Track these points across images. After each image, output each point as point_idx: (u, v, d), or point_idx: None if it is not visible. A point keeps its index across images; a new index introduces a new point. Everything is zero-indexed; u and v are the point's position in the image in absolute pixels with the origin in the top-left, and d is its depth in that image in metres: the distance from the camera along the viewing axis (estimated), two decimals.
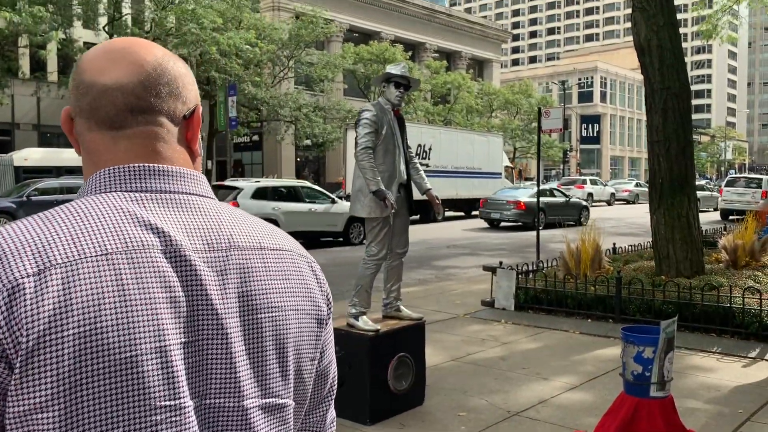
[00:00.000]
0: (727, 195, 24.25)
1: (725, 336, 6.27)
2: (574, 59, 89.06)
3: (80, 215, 0.78)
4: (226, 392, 0.81)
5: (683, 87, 7.52)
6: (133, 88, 0.86)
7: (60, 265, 0.73)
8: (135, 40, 0.91)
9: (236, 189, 14.68)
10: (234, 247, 0.85)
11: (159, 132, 0.88)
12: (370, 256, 4.64)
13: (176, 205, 0.84)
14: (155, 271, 0.78)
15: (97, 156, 0.87)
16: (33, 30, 23.20)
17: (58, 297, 0.72)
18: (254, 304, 0.85)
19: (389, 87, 4.79)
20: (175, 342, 0.77)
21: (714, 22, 21.01)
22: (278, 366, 0.86)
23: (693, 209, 7.48)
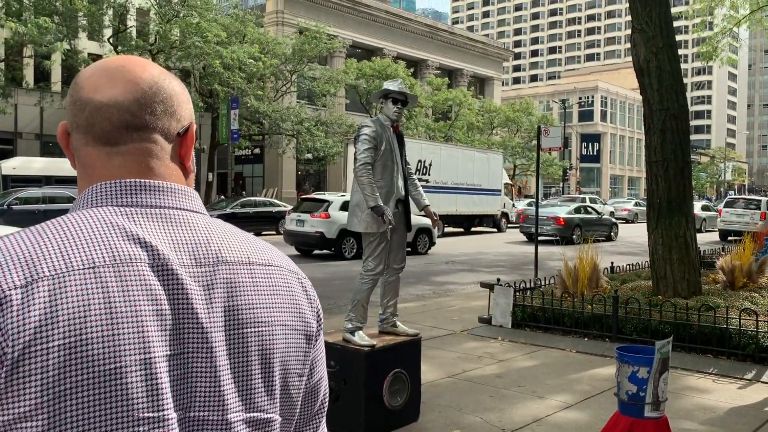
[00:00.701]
0: (726, 216, 24.29)
1: (722, 357, 6.26)
2: (574, 78, 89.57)
3: (70, 229, 0.80)
4: (209, 405, 0.82)
5: (682, 108, 7.57)
6: (129, 105, 0.88)
7: (47, 278, 0.75)
8: (132, 58, 0.93)
9: (326, 201, 16.39)
10: (222, 262, 0.87)
11: (153, 149, 0.90)
12: (367, 271, 4.66)
13: (166, 220, 0.86)
14: (142, 284, 0.79)
15: (92, 170, 0.89)
16: (38, 41, 23.38)
17: (45, 308, 0.73)
18: (240, 319, 0.85)
19: (387, 103, 4.84)
20: (160, 354, 0.78)
21: (714, 44, 21.18)
22: (262, 381, 0.87)
23: (691, 230, 7.51)
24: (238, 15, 29.86)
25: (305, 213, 16.21)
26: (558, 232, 21.47)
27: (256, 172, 40.16)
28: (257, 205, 24.31)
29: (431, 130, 37.87)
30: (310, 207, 16.34)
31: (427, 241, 17.97)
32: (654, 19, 7.50)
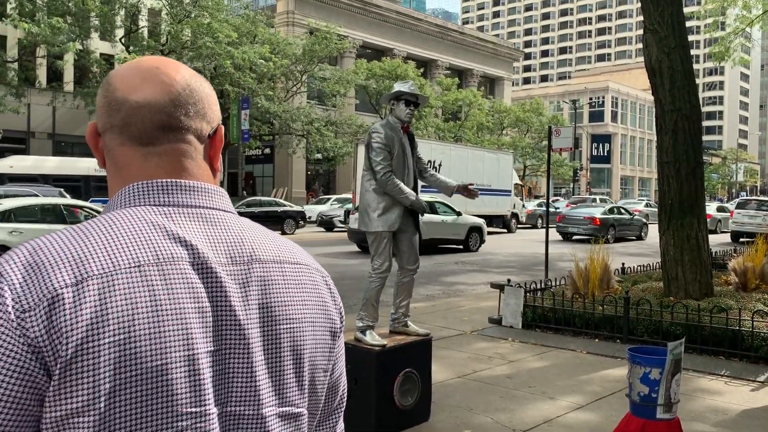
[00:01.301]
0: (738, 217, 24.12)
1: (734, 359, 6.23)
2: (585, 79, 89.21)
3: (113, 228, 0.82)
4: (246, 400, 0.84)
5: (694, 109, 7.53)
6: (164, 106, 0.90)
7: (96, 276, 0.76)
8: (164, 59, 0.95)
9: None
10: (255, 260, 0.89)
11: (187, 149, 0.92)
12: (375, 270, 4.67)
13: (202, 220, 0.88)
14: (184, 282, 0.81)
15: (127, 171, 0.90)
16: (51, 41, 23.57)
17: (95, 307, 0.75)
18: (274, 316, 0.88)
19: (399, 105, 4.82)
20: (203, 351, 0.80)
21: (726, 44, 21.04)
22: (295, 376, 0.89)
23: (702, 231, 7.47)
24: (249, 15, 29.98)
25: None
26: (594, 231, 22.20)
27: (266, 171, 40.29)
28: (262, 205, 24.40)
29: (441, 131, 37.85)
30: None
31: (478, 238, 19.01)
32: (666, 19, 7.47)
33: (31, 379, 0.72)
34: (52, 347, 0.73)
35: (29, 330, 0.72)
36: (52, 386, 0.73)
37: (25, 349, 0.72)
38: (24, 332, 0.72)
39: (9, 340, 0.72)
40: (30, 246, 0.79)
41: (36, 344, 0.72)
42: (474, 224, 18.93)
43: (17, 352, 0.72)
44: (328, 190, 40.43)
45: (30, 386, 0.72)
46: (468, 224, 18.71)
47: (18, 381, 0.72)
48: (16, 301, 0.73)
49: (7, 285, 0.74)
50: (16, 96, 25.94)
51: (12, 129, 28.66)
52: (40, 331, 0.73)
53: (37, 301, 0.74)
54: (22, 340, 0.72)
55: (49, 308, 0.73)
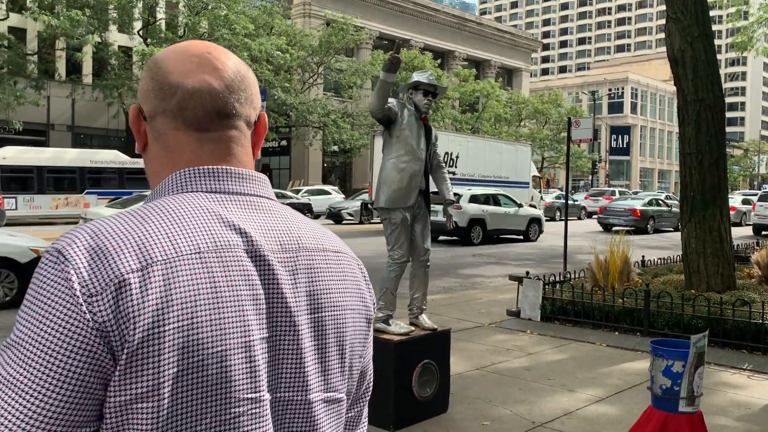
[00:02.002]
0: (761, 210, 23.78)
1: (757, 353, 6.14)
2: (604, 69, 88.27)
3: (171, 214, 0.82)
4: (294, 386, 0.85)
5: (717, 99, 7.41)
6: (221, 92, 0.90)
7: (160, 262, 0.76)
8: (212, 44, 0.95)
9: (458, 194, 18.13)
10: (302, 249, 0.90)
11: (238, 136, 0.93)
12: (395, 259, 4.66)
13: (252, 207, 0.89)
14: (241, 269, 0.82)
15: (179, 155, 0.90)
16: (70, 33, 23.77)
17: (160, 293, 0.75)
18: (320, 303, 0.89)
19: (417, 94, 4.79)
20: (258, 337, 0.81)
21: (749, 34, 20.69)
22: (339, 362, 0.91)
23: (725, 223, 7.36)
24: (266, 7, 30.01)
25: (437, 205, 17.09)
26: (635, 222, 23.26)
27: (282, 164, 40.41)
28: None
29: (458, 122, 37.68)
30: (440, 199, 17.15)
31: (537, 229, 20.08)
32: (690, 8, 7.34)
33: (98, 362, 0.73)
34: (119, 332, 0.73)
35: (97, 314, 0.73)
36: (117, 371, 0.73)
37: (94, 333, 0.72)
38: (93, 316, 0.73)
39: (77, 324, 0.72)
40: (90, 230, 0.78)
41: (104, 329, 0.73)
42: (534, 216, 20.11)
43: (86, 336, 0.72)
44: (344, 183, 40.48)
45: (96, 369, 0.73)
46: (528, 216, 19.87)
47: (85, 363, 0.72)
48: (84, 285, 0.73)
49: (74, 269, 0.74)
50: (35, 88, 26.21)
51: (32, 121, 28.97)
52: (108, 316, 0.73)
53: (104, 286, 0.74)
54: (91, 324, 0.72)
55: (117, 293, 0.74)
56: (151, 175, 0.93)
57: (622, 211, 24.15)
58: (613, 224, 23.91)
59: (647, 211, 24.24)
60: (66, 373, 0.71)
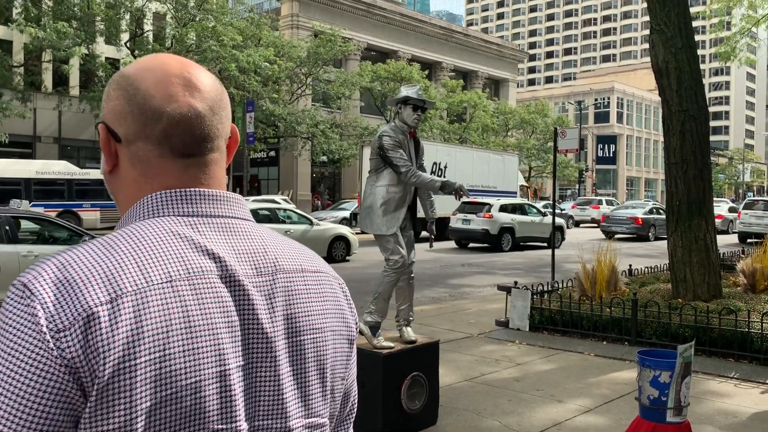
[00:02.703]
0: (746, 218, 24.00)
1: (743, 361, 6.18)
2: (590, 79, 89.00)
3: (142, 241, 0.79)
4: (273, 414, 0.83)
5: (701, 109, 7.50)
6: (205, 115, 0.88)
7: (130, 293, 0.74)
8: (186, 61, 0.91)
9: (488, 204, 19.81)
10: (280, 270, 0.87)
11: (218, 158, 0.91)
12: (392, 266, 4.65)
13: (226, 230, 0.86)
14: (215, 296, 0.79)
15: (160, 181, 0.87)
16: (57, 45, 23.65)
17: (131, 325, 0.72)
18: (298, 327, 0.87)
19: (406, 109, 4.78)
20: (234, 365, 0.79)
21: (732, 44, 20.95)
22: (320, 386, 0.88)
23: (711, 232, 7.42)
24: (254, 18, 30.03)
25: (470, 214, 19.64)
26: (637, 230, 24.39)
27: (271, 174, 40.32)
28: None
29: (446, 132, 37.81)
30: (473, 209, 19.68)
31: (560, 236, 20.72)
32: (673, 20, 7.43)
33: (68, 399, 0.70)
34: (89, 368, 0.70)
35: (65, 350, 0.70)
36: (88, 407, 0.71)
37: (62, 370, 0.70)
38: (60, 353, 0.70)
39: (44, 361, 0.70)
40: (57, 261, 0.76)
41: (73, 365, 0.70)
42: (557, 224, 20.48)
43: (54, 373, 0.70)
44: (333, 193, 40.44)
45: (66, 407, 0.70)
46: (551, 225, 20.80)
47: (54, 401, 0.70)
48: (50, 320, 0.71)
49: (40, 303, 0.72)
50: (22, 100, 26.02)
51: (18, 133, 28.76)
52: (77, 351, 0.70)
53: (72, 320, 0.71)
54: (59, 361, 0.70)
55: (85, 327, 0.71)
56: (123, 200, 0.90)
57: (625, 220, 25.03)
58: (615, 232, 24.81)
59: (649, 219, 24.97)
60: (34, 412, 0.69)
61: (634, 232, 24.56)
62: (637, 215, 24.98)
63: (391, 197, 4.65)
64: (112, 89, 0.89)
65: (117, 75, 0.91)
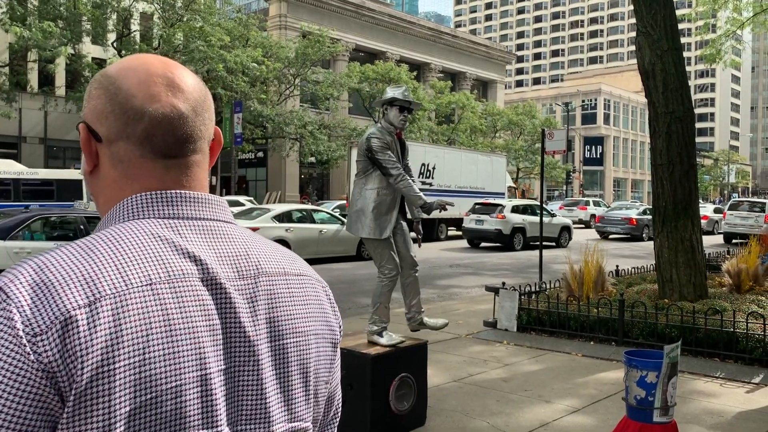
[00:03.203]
0: (731, 218, 24.22)
1: (729, 361, 6.23)
2: (577, 81, 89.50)
3: (121, 244, 0.78)
4: (256, 418, 0.82)
5: (687, 111, 7.56)
6: (188, 116, 0.87)
7: (109, 296, 0.73)
8: (169, 61, 0.90)
9: (500, 205, 20.81)
10: (262, 274, 0.87)
11: (201, 159, 0.90)
12: (386, 275, 4.65)
13: (208, 233, 0.85)
14: (196, 299, 0.78)
15: (141, 183, 0.86)
16: (42, 45, 23.44)
17: (110, 329, 0.71)
18: (281, 330, 0.86)
19: (393, 110, 4.76)
20: (215, 369, 0.78)
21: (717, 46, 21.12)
22: (303, 390, 0.87)
23: (697, 233, 7.48)
24: (242, 19, 29.95)
25: (483, 215, 20.63)
26: (631, 231, 25.19)
27: (259, 175, 40.21)
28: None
29: (434, 134, 37.88)
30: (485, 210, 20.81)
31: (567, 236, 22.15)
32: (659, 22, 7.49)
33: (45, 405, 0.69)
34: (66, 372, 0.69)
35: (42, 355, 0.69)
36: (66, 412, 0.69)
37: (39, 375, 0.68)
38: (37, 357, 0.69)
39: (20, 365, 0.68)
40: (34, 263, 0.74)
41: (50, 369, 0.69)
42: (564, 224, 22.26)
43: (30, 378, 0.68)
44: (321, 194, 40.38)
45: (43, 412, 0.69)
46: (560, 224, 22.12)
47: (31, 407, 0.68)
48: (27, 324, 0.69)
49: (16, 307, 0.70)
50: (7, 101, 25.78)
51: (3, 134, 28.51)
52: (54, 356, 0.69)
53: (48, 324, 0.70)
54: (36, 365, 0.68)
55: (63, 331, 0.70)
56: (104, 201, 0.88)
57: (620, 220, 25.83)
58: (610, 232, 25.96)
59: (642, 220, 25.52)
60: (10, 417, 0.67)
61: (628, 232, 25.37)
62: (631, 216, 25.75)
63: (382, 200, 4.64)
64: (93, 88, 0.88)
65: (99, 74, 0.90)
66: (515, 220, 20.41)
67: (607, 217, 27.09)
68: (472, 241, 21.61)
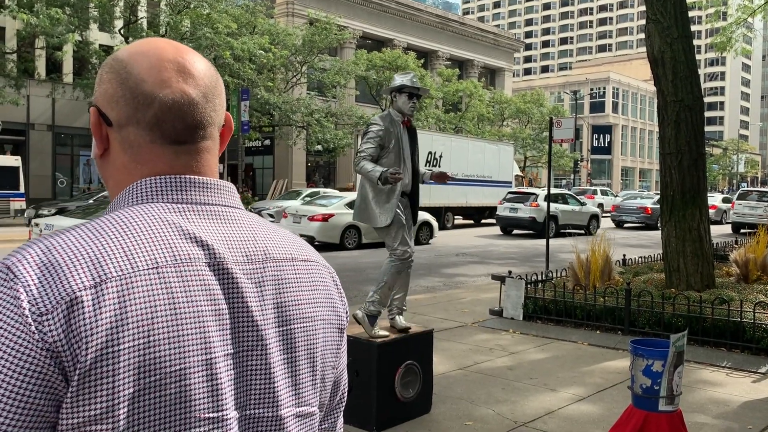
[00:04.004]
0: (739, 208, 24.11)
1: (735, 350, 6.22)
2: (586, 69, 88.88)
3: (129, 227, 0.79)
4: (264, 402, 0.83)
5: (696, 100, 7.50)
6: (198, 102, 0.86)
7: (115, 278, 0.73)
8: (181, 46, 0.90)
9: (534, 194, 21.61)
10: (269, 259, 0.87)
11: (211, 145, 0.90)
12: (398, 255, 4.62)
13: (216, 218, 0.85)
14: (202, 284, 0.79)
15: (151, 167, 0.86)
16: (50, 32, 23.43)
17: (115, 311, 0.72)
18: (288, 315, 0.86)
19: (401, 97, 4.74)
20: (221, 354, 0.78)
21: (728, 34, 20.91)
22: (310, 375, 0.88)
23: (704, 222, 7.45)
24: (249, 6, 29.82)
25: (517, 203, 21.42)
26: (645, 219, 25.77)
27: (266, 163, 40.21)
28: None
29: (441, 122, 37.74)
30: (519, 198, 21.59)
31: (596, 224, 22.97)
32: (669, 10, 7.42)
33: (49, 384, 0.70)
34: (71, 352, 0.70)
35: (47, 334, 0.70)
36: (70, 392, 0.70)
37: (44, 354, 0.69)
38: (42, 336, 0.69)
39: (26, 344, 0.69)
40: (42, 245, 0.75)
41: (54, 349, 0.70)
42: (593, 213, 23.20)
43: (35, 357, 0.69)
44: (328, 182, 40.38)
45: (47, 392, 0.70)
46: (589, 213, 22.97)
47: (35, 386, 0.69)
48: (33, 303, 0.70)
49: (23, 286, 0.71)
50: (15, 88, 25.83)
51: (11, 121, 28.57)
52: (59, 336, 0.70)
53: (54, 304, 0.70)
54: (41, 344, 0.69)
55: (68, 311, 0.71)
56: (114, 185, 0.89)
57: (635, 209, 26.36)
58: (625, 221, 26.58)
59: (657, 209, 25.89)
60: (14, 395, 0.68)
61: (643, 221, 25.81)
62: (646, 205, 26.12)
63: (380, 188, 4.62)
64: (104, 72, 0.88)
65: (110, 58, 0.90)
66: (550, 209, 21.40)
67: (622, 206, 27.55)
68: (505, 228, 22.27)
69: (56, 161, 31.96)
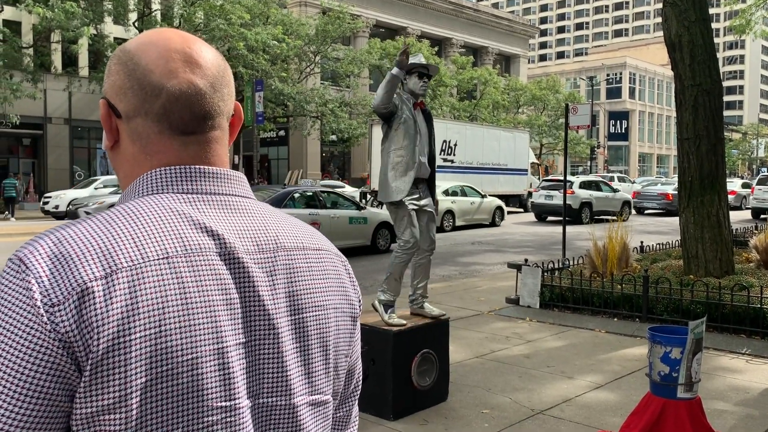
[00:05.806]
0: (759, 193, 23.78)
1: (755, 337, 6.16)
2: (602, 55, 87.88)
3: (139, 218, 0.79)
4: (277, 391, 0.83)
5: (715, 84, 7.39)
6: (206, 92, 0.86)
7: (125, 269, 0.74)
8: (188, 36, 0.89)
9: (569, 181, 20.53)
10: (280, 248, 0.87)
11: (220, 135, 0.90)
12: (401, 246, 4.65)
13: (226, 208, 0.86)
14: (212, 274, 0.79)
15: (160, 158, 0.86)
16: (65, 26, 23.59)
17: (126, 301, 0.73)
18: (300, 304, 0.87)
19: (412, 78, 4.73)
20: (233, 343, 0.79)
21: (747, 17, 20.57)
22: (323, 363, 0.88)
23: (723, 208, 7.36)
24: None
25: (552, 190, 21.63)
26: (667, 206, 25.86)
27: (281, 154, 40.34)
28: None
29: (456, 110, 37.56)
30: (554, 186, 21.70)
31: (628, 210, 23.41)
32: None
33: (62, 374, 0.71)
34: (83, 342, 0.71)
35: (59, 325, 0.70)
36: (83, 382, 0.71)
37: (56, 345, 0.70)
38: (54, 327, 0.70)
39: (39, 335, 0.70)
40: (54, 236, 0.76)
41: (67, 339, 0.70)
42: (626, 199, 23.62)
43: (48, 347, 0.70)
44: (343, 172, 40.41)
45: (61, 381, 0.71)
46: (622, 199, 23.32)
47: (49, 375, 0.70)
48: (45, 294, 0.71)
49: (34, 278, 0.72)
50: (32, 82, 26.07)
51: (29, 115, 28.85)
52: (71, 326, 0.71)
53: (66, 295, 0.71)
54: (53, 335, 0.70)
55: (79, 302, 0.71)
56: (124, 176, 0.89)
57: (656, 196, 26.72)
58: (647, 207, 26.90)
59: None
60: (29, 386, 0.69)
61: (664, 207, 26.04)
62: (667, 191, 26.21)
63: (399, 160, 4.65)
64: (113, 64, 0.88)
65: (118, 50, 0.90)
66: (583, 195, 21.64)
67: (643, 192, 27.73)
68: (540, 215, 22.66)
69: (74, 154, 32.28)
